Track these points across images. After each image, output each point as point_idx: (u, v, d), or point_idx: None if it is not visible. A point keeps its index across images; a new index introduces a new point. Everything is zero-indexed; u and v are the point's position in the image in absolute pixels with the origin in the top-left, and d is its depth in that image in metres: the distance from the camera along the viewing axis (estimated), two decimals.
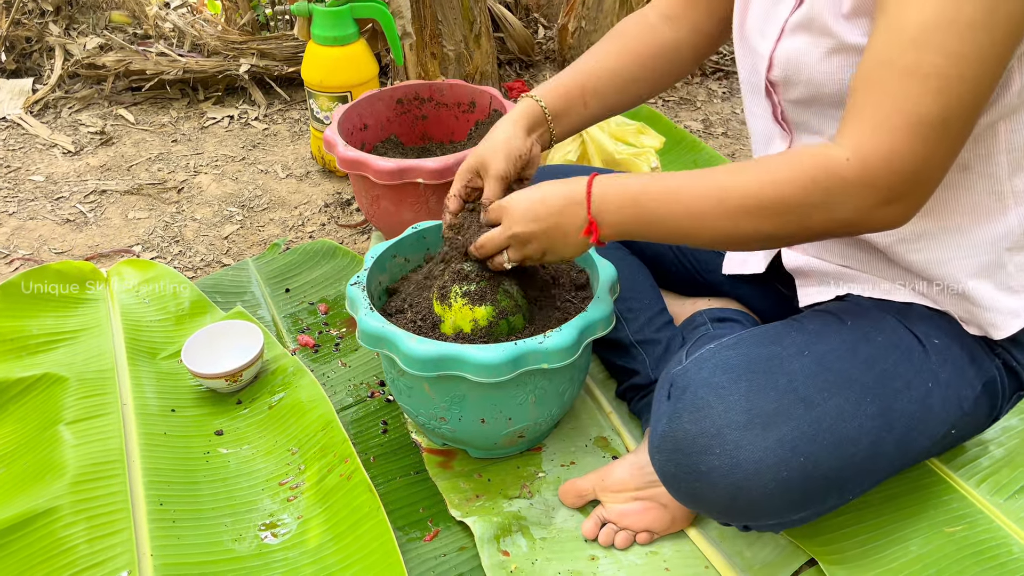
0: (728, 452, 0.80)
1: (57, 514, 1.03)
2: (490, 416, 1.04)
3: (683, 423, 0.83)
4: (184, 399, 1.26)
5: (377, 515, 1.01)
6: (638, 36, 1.09)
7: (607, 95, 1.08)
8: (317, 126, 1.85)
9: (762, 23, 0.92)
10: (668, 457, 0.85)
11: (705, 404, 0.82)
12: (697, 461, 0.82)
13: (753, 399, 0.81)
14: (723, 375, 0.84)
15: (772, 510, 0.84)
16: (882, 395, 0.84)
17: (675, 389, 0.87)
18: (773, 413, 0.81)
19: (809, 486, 0.82)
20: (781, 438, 0.80)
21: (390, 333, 1.00)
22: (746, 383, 0.82)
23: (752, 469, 0.80)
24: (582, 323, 1.01)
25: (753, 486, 0.80)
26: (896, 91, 0.72)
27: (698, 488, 0.84)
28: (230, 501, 1.10)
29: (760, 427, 0.80)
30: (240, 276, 1.56)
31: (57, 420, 1.17)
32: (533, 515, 1.06)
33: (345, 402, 1.27)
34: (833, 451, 0.81)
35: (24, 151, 2.01)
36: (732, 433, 0.80)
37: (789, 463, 0.80)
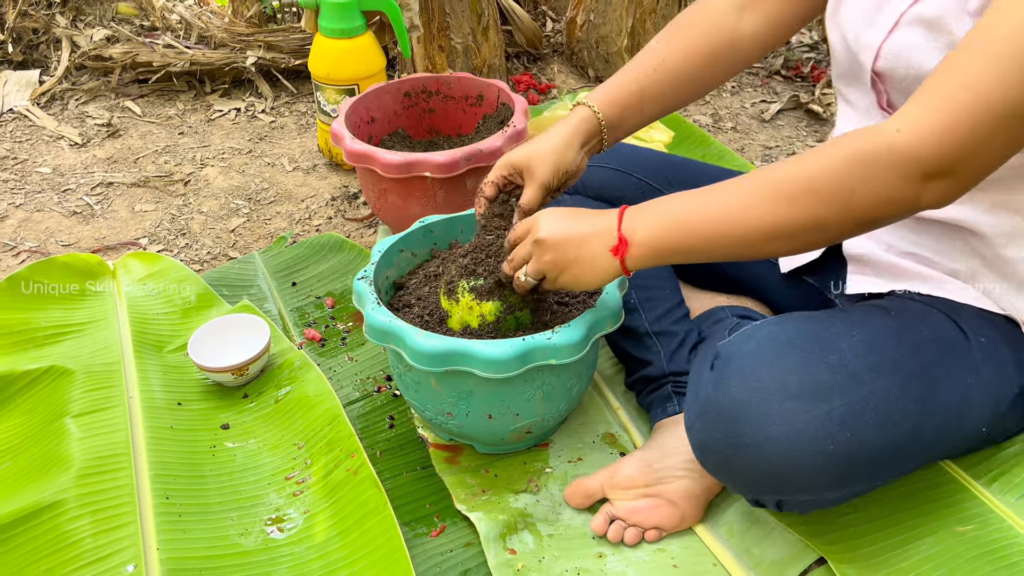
0: (777, 420, 0.79)
1: (63, 507, 1.03)
2: (497, 412, 1.04)
3: (730, 389, 0.81)
4: (190, 392, 1.25)
5: (383, 510, 1.01)
6: (705, 31, 1.04)
7: (665, 99, 1.04)
8: (324, 119, 1.84)
9: (872, 12, 0.90)
10: (710, 425, 0.83)
11: (754, 372, 0.81)
12: (742, 429, 0.80)
13: (804, 370, 0.80)
14: (772, 346, 0.82)
15: (811, 484, 0.82)
16: (926, 383, 0.84)
17: (720, 360, 0.85)
18: (825, 385, 0.79)
19: (851, 463, 0.81)
20: (831, 411, 0.79)
21: (397, 328, 0.99)
22: (798, 353, 0.81)
23: (799, 439, 0.78)
24: (591, 319, 1.00)
25: (797, 457, 0.79)
26: (973, 69, 0.69)
27: (736, 456, 0.82)
28: (236, 495, 1.09)
29: (810, 398, 0.79)
30: (247, 269, 1.56)
31: (64, 413, 1.17)
32: (540, 511, 1.06)
33: (351, 396, 1.26)
34: (878, 431, 0.80)
35: (31, 143, 2.01)
36: (783, 401, 0.79)
37: (836, 437, 0.78)
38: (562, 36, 2.41)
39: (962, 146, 0.70)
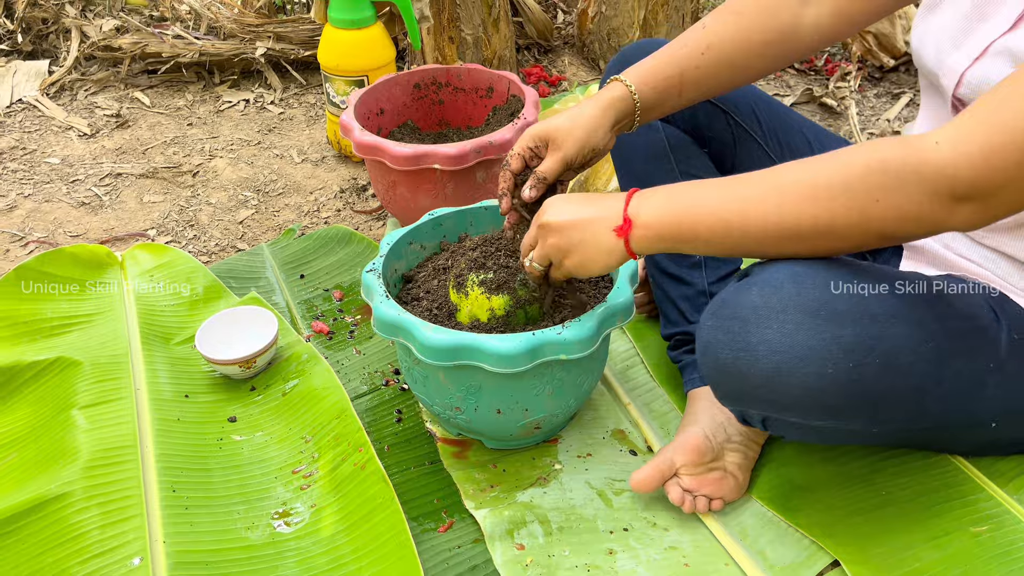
0: (786, 331, 0.77)
1: (70, 499, 1.02)
2: (506, 407, 1.03)
3: (751, 294, 0.80)
4: (198, 385, 1.25)
5: (391, 505, 1.00)
6: (759, 17, 0.97)
7: (707, 86, 1.00)
8: (333, 110, 1.83)
9: (960, 35, 0.88)
10: (721, 323, 0.81)
11: (779, 284, 0.79)
12: (750, 331, 0.79)
13: (827, 293, 0.78)
14: (803, 269, 0.80)
15: (802, 405, 0.81)
16: (943, 349, 0.82)
17: (749, 275, 0.83)
18: (842, 313, 0.78)
19: (846, 394, 0.79)
20: (840, 336, 0.77)
21: (406, 321, 0.98)
22: (824, 278, 0.79)
23: (802, 354, 0.77)
24: (602, 314, 0.99)
25: (795, 372, 0.78)
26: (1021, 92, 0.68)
27: (740, 360, 0.80)
28: (243, 489, 1.09)
29: (824, 319, 0.77)
30: (255, 261, 1.55)
31: (71, 404, 1.16)
32: (548, 502, 1.05)
33: (359, 390, 1.25)
34: (881, 371, 0.79)
35: (40, 133, 2.01)
36: (796, 314, 0.77)
37: (838, 363, 0.77)
38: (573, 28, 2.39)
39: (1004, 170, 0.68)
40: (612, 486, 1.07)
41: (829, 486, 1.05)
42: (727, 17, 0.99)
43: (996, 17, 0.85)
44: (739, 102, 1.15)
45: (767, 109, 1.17)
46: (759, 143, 1.16)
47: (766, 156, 1.16)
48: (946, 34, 0.89)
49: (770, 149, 1.16)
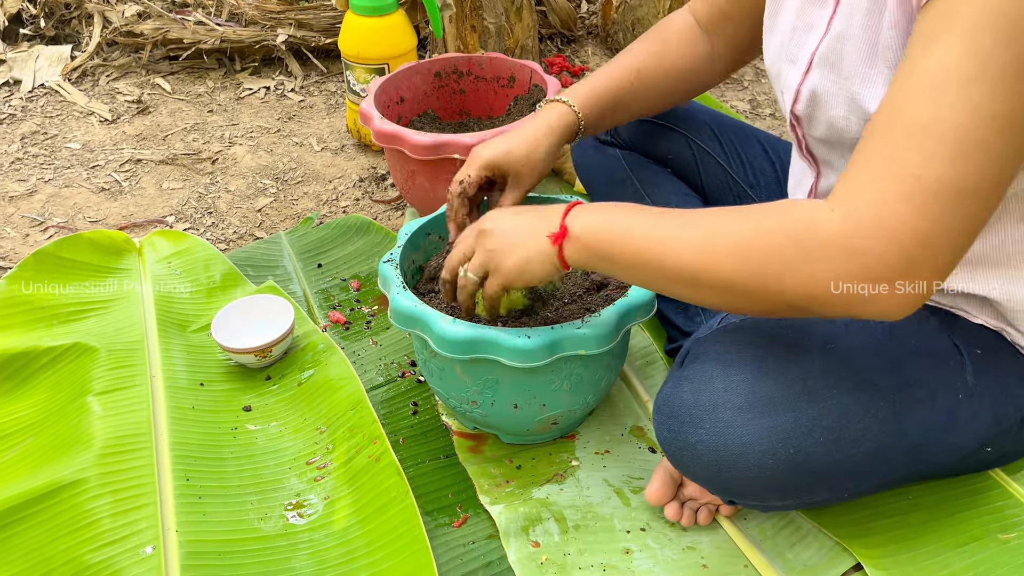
0: (718, 429, 0.79)
1: (83, 486, 1.02)
2: (523, 402, 1.01)
3: (683, 391, 0.82)
4: (213, 373, 1.24)
5: (405, 499, 0.99)
6: (681, 47, 1.05)
7: (636, 107, 1.07)
8: (353, 98, 1.81)
9: (792, 47, 0.85)
10: (664, 420, 0.84)
11: (708, 378, 0.81)
12: (687, 432, 0.81)
13: (758, 383, 0.79)
14: (736, 353, 0.81)
15: (754, 492, 0.83)
16: (899, 401, 0.81)
17: (689, 357, 0.86)
18: (774, 400, 0.78)
19: (796, 478, 0.80)
20: (775, 426, 0.78)
21: (422, 313, 0.97)
22: (756, 365, 0.80)
23: (738, 451, 0.78)
24: (622, 308, 0.97)
25: (737, 467, 0.79)
26: (904, 147, 0.61)
27: (685, 457, 0.82)
28: (256, 479, 1.08)
29: (757, 412, 0.78)
30: (272, 250, 1.54)
31: (86, 391, 1.16)
32: (565, 499, 1.03)
33: (375, 381, 1.24)
34: (829, 448, 0.78)
35: (61, 118, 2.01)
36: (726, 412, 0.79)
37: (777, 452, 0.78)
38: (597, 18, 2.36)
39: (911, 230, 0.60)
40: (630, 484, 1.05)
41: None
42: (652, 47, 1.06)
43: (818, 24, 0.82)
44: (698, 124, 1.20)
45: (725, 127, 1.21)
46: (720, 163, 1.19)
47: (728, 175, 1.19)
48: (784, 51, 0.87)
49: (732, 168, 1.19)
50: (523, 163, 0.99)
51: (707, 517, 0.98)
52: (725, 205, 1.21)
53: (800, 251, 0.64)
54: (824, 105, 0.80)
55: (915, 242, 0.61)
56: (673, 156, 1.20)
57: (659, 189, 1.19)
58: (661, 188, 1.19)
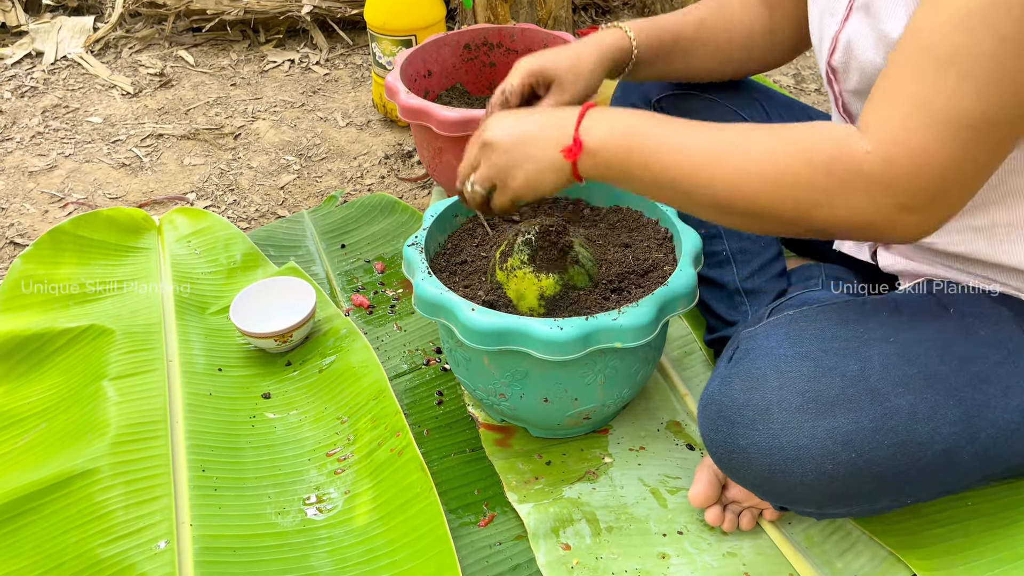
0: (772, 432, 0.73)
1: (96, 476, 0.98)
2: (554, 395, 0.95)
3: (733, 390, 0.76)
4: (232, 358, 1.20)
5: (429, 496, 0.94)
6: (743, 11, 1.01)
7: (693, 57, 1.01)
8: (379, 72, 1.75)
9: (832, 1, 0.82)
10: (711, 421, 0.78)
11: (761, 376, 0.75)
12: (738, 433, 0.75)
13: (815, 381, 0.73)
14: (791, 348, 0.75)
15: (811, 499, 0.77)
16: (971, 400, 0.74)
17: (739, 352, 0.80)
18: (833, 400, 0.72)
19: (857, 483, 0.74)
20: (834, 429, 0.71)
21: (448, 301, 0.91)
22: (812, 363, 0.74)
23: (794, 455, 0.72)
24: (662, 298, 0.90)
25: (792, 472, 0.73)
26: (932, 81, 0.62)
27: (735, 460, 0.77)
28: (274, 470, 1.03)
29: (813, 413, 0.72)
30: (295, 229, 1.49)
31: (102, 375, 1.12)
32: (598, 500, 0.97)
33: (399, 369, 1.19)
34: (894, 452, 0.72)
35: (83, 91, 1.97)
36: (780, 413, 0.73)
37: (837, 456, 0.72)
38: None
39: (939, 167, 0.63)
40: (666, 484, 0.99)
41: None
42: (717, 4, 1.02)
43: None
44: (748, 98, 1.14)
45: (775, 102, 1.15)
46: None
47: None
48: (825, 6, 0.83)
49: None
50: (568, 70, 0.91)
51: (750, 522, 0.92)
52: None
53: (835, 183, 0.65)
54: (858, 50, 0.77)
55: (942, 175, 0.63)
56: None
57: None
58: None
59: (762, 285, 1.05)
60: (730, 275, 1.07)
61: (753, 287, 1.06)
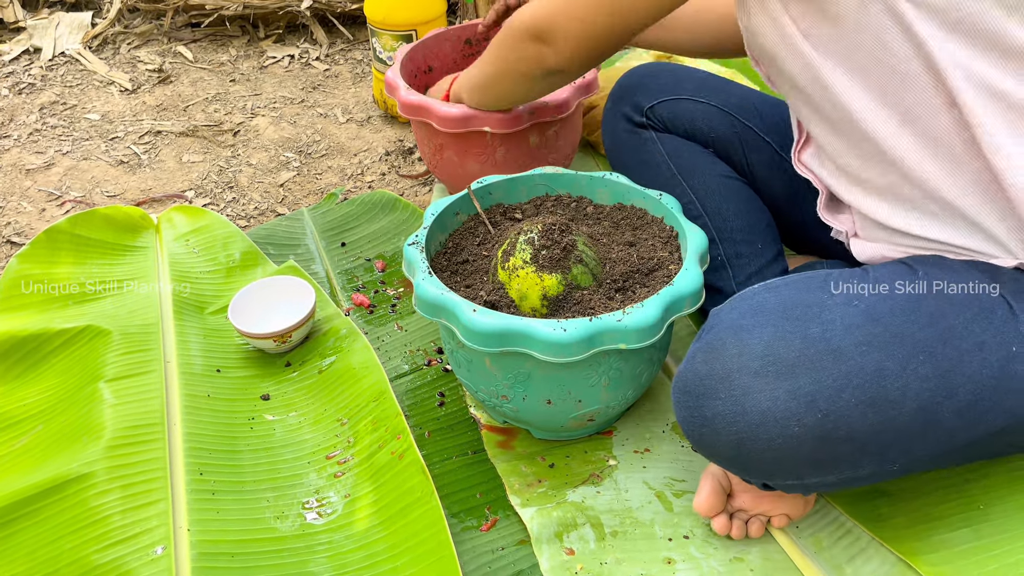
0: (734, 398, 0.72)
1: (91, 480, 0.96)
2: (557, 397, 0.93)
3: (696, 363, 0.75)
4: (230, 359, 1.18)
5: (430, 500, 0.92)
6: None
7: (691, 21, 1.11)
8: (380, 67, 1.73)
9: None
10: (679, 398, 0.78)
11: (721, 345, 0.74)
12: (703, 405, 0.74)
13: (774, 345, 0.72)
14: (752, 317, 0.74)
15: (785, 468, 0.75)
16: (942, 355, 0.72)
17: (704, 328, 0.79)
18: (793, 362, 0.71)
19: (830, 446, 0.72)
20: (795, 389, 0.70)
21: (449, 301, 0.89)
22: (772, 328, 0.73)
23: (757, 419, 0.71)
24: (667, 299, 0.88)
25: (759, 438, 0.72)
26: None
27: (705, 435, 0.76)
28: (273, 473, 1.02)
29: (773, 375, 0.71)
30: (294, 227, 1.47)
31: (98, 376, 1.10)
32: (602, 503, 0.96)
33: (400, 369, 1.17)
34: (864, 411, 0.70)
35: (81, 88, 1.95)
36: (741, 378, 0.72)
37: (802, 418, 0.70)
38: None
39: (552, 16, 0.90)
40: (672, 487, 0.98)
41: (918, 494, 0.93)
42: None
43: None
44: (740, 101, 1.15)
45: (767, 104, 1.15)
46: (765, 140, 1.13)
47: (774, 152, 1.13)
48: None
49: (776, 144, 1.13)
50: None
51: (759, 529, 0.90)
52: (774, 184, 1.12)
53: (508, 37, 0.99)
54: None
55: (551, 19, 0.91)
56: (716, 135, 1.12)
57: (696, 173, 1.11)
58: (698, 172, 1.11)
59: None
60: (727, 280, 1.05)
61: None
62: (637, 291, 0.95)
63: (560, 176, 1.11)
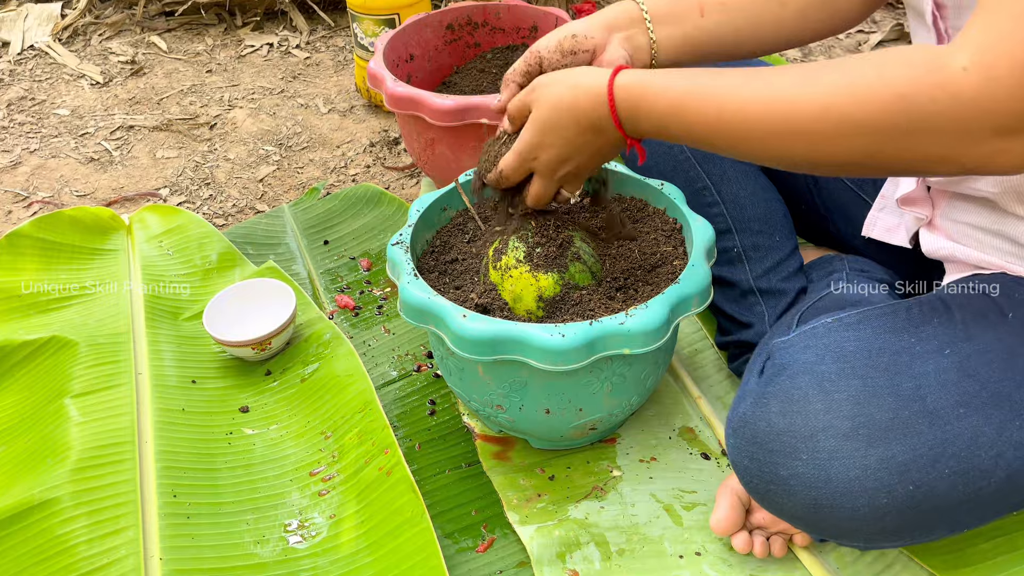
0: (818, 462, 0.65)
1: (56, 506, 0.89)
2: (556, 406, 0.86)
3: (770, 412, 0.67)
4: (207, 369, 1.11)
5: (421, 522, 0.85)
6: None
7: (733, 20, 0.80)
8: (362, 54, 1.65)
9: None
10: (743, 447, 0.70)
11: (802, 397, 0.66)
12: (778, 463, 0.67)
13: (865, 403, 0.64)
14: (834, 364, 0.67)
15: (859, 533, 0.68)
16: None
17: (772, 365, 0.71)
18: (886, 425, 0.64)
19: (915, 518, 0.66)
20: (888, 458, 0.63)
21: (437, 307, 0.82)
22: (859, 381, 0.65)
23: (843, 488, 0.64)
24: (673, 298, 0.81)
25: (841, 506, 0.65)
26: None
27: (774, 492, 0.68)
28: (253, 494, 0.95)
29: (865, 440, 0.64)
30: (274, 225, 1.40)
31: (64, 392, 1.03)
32: (607, 520, 0.89)
33: (388, 376, 1.10)
34: (955, 483, 0.64)
35: (50, 82, 1.86)
36: (828, 440, 0.64)
37: (893, 490, 0.64)
38: None
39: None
40: (681, 499, 0.91)
41: None
42: None
43: None
44: None
45: None
46: None
47: None
48: None
49: None
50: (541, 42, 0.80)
51: (781, 548, 0.83)
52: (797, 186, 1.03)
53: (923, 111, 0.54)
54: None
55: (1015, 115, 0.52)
56: None
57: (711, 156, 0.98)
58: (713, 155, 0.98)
59: (778, 284, 0.97)
60: (743, 273, 0.98)
61: (768, 286, 0.97)
62: (640, 290, 0.88)
63: None
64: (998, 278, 0.75)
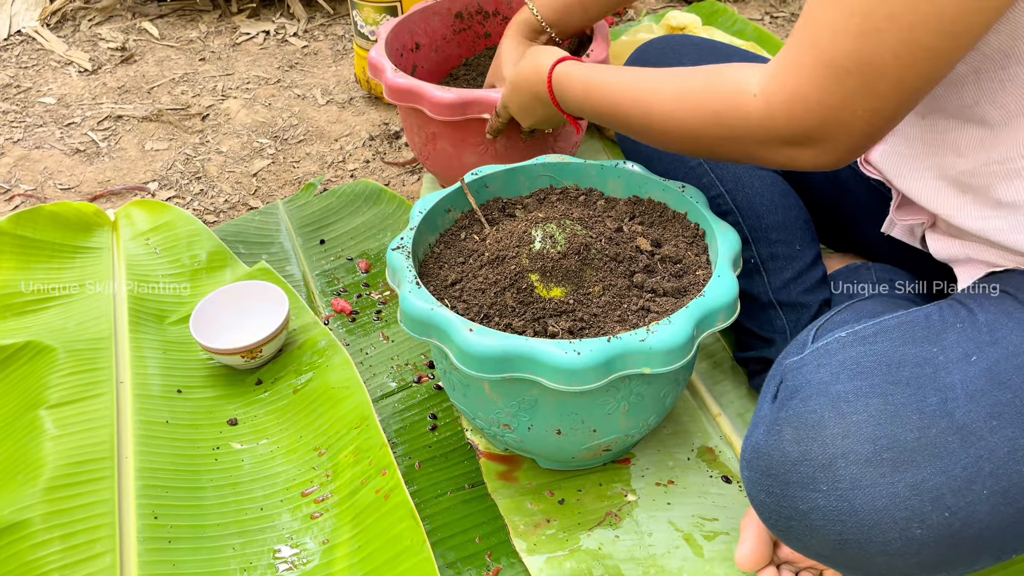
0: (839, 492, 0.58)
1: (27, 529, 0.82)
2: (568, 426, 0.80)
3: (783, 441, 0.61)
4: (193, 377, 1.04)
5: (421, 551, 0.79)
6: None
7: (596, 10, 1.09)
8: (362, 43, 1.58)
9: None
10: (759, 480, 0.64)
11: (818, 421, 0.60)
12: (795, 496, 0.61)
13: (887, 423, 0.58)
14: (850, 382, 0.61)
15: (896, 571, 0.61)
16: None
17: (784, 388, 0.65)
18: (913, 446, 0.57)
19: (954, 548, 0.59)
20: (918, 483, 0.57)
21: (441, 319, 0.75)
22: (879, 399, 0.59)
23: (870, 520, 0.58)
24: (697, 313, 0.75)
25: (870, 541, 0.59)
26: (817, 23, 0.59)
27: (795, 528, 0.62)
28: (240, 515, 0.88)
29: (890, 464, 0.57)
30: (268, 222, 1.33)
31: (39, 402, 0.96)
32: (622, 551, 0.82)
33: (386, 387, 1.03)
34: (995, 504, 0.57)
35: (37, 69, 1.79)
36: (848, 468, 0.58)
37: (927, 518, 0.57)
38: None
39: (816, 113, 0.61)
40: (702, 527, 0.84)
41: None
42: None
43: None
44: None
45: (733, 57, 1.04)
46: None
47: None
48: None
49: None
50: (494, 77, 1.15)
51: None
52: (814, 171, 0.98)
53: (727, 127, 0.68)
54: None
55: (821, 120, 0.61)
56: None
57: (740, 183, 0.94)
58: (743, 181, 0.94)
59: (799, 297, 0.90)
60: (761, 286, 0.92)
61: (789, 299, 0.90)
62: (660, 302, 0.82)
63: (566, 166, 0.97)
64: (1016, 275, 0.69)
